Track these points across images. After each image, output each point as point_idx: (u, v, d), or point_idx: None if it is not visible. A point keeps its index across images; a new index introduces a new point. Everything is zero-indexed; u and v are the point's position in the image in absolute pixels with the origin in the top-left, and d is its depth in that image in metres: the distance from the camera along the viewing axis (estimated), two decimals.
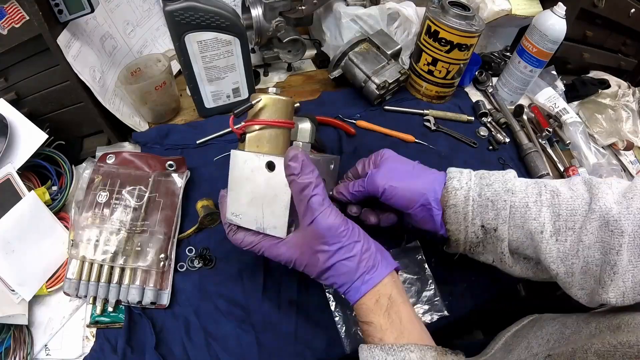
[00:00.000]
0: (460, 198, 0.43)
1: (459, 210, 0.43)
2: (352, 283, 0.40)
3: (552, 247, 0.40)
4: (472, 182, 0.43)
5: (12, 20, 0.50)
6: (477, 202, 0.43)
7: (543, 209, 0.40)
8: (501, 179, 0.43)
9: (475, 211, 0.43)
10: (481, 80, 0.90)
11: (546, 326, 0.46)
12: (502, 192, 0.41)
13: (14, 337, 0.48)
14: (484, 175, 0.44)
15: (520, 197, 0.41)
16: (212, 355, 0.49)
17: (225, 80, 0.70)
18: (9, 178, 0.54)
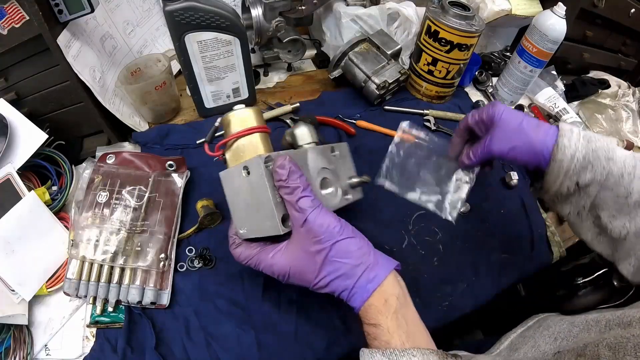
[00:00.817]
0: (567, 156, 0.46)
1: (564, 165, 0.47)
2: (356, 282, 0.39)
3: (633, 211, 0.45)
4: (580, 144, 0.47)
5: (12, 20, 0.50)
6: (580, 162, 0.46)
7: (635, 180, 0.44)
8: (605, 147, 0.46)
9: (576, 170, 0.46)
10: (481, 80, 0.90)
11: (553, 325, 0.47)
12: (602, 159, 0.46)
13: (14, 337, 0.48)
14: (591, 139, 0.47)
15: (618, 166, 0.45)
16: (212, 355, 0.49)
17: (225, 80, 0.70)
18: (9, 178, 0.54)
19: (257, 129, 0.45)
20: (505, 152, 0.50)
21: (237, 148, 0.45)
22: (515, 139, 0.49)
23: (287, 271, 0.41)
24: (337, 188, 0.49)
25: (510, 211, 0.68)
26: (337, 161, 0.52)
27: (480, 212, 0.67)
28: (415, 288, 0.58)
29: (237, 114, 0.45)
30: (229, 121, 0.46)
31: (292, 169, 0.40)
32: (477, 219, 0.66)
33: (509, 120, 0.50)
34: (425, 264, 0.60)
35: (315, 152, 0.48)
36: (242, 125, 0.45)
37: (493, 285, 0.61)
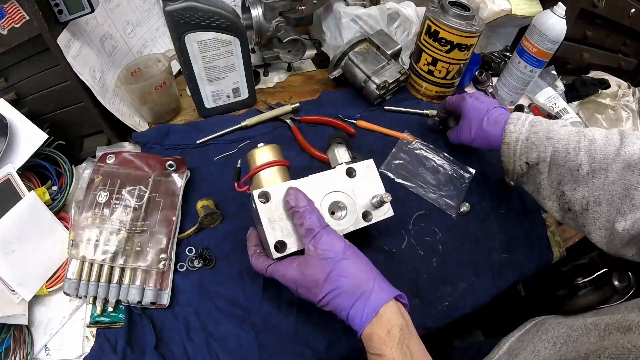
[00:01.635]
0: (512, 139, 0.56)
1: (510, 147, 0.57)
2: (354, 303, 0.40)
3: (588, 181, 0.50)
4: (524, 128, 0.55)
5: (12, 20, 0.50)
6: (525, 143, 0.55)
7: (580, 153, 0.50)
8: (545, 129, 0.54)
9: (522, 150, 0.55)
10: (481, 80, 0.90)
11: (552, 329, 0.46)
12: (544, 139, 0.53)
13: (14, 337, 0.48)
14: (535, 124, 0.55)
15: (562, 143, 0.52)
16: (212, 355, 0.49)
17: (225, 80, 0.70)
18: (9, 178, 0.54)
19: (275, 163, 0.50)
20: (469, 142, 0.64)
21: (259, 181, 0.50)
22: (475, 134, 0.62)
23: (295, 284, 0.44)
24: (352, 211, 0.50)
25: (510, 211, 0.68)
26: (357, 182, 0.52)
27: (480, 212, 0.67)
28: (415, 288, 0.58)
29: (258, 152, 0.51)
30: (250, 158, 0.51)
31: (299, 196, 0.45)
32: (477, 219, 0.66)
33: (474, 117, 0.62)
34: (425, 264, 0.60)
35: (323, 177, 0.50)
36: (262, 161, 0.50)
37: (493, 285, 0.61)
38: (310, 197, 0.48)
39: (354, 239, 0.49)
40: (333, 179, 0.51)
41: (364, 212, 0.51)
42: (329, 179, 0.50)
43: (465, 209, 0.66)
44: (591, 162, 0.50)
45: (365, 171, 0.53)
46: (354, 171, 0.52)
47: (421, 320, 0.54)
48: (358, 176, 0.52)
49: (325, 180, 0.50)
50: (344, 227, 0.49)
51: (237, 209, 0.62)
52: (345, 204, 0.50)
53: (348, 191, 0.51)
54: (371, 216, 0.51)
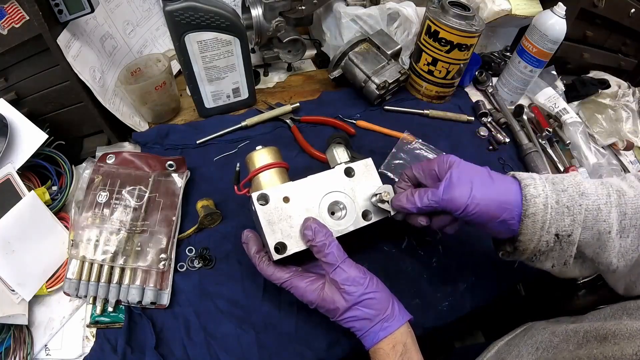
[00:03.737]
0: (540, 206, 0.40)
1: (538, 219, 0.41)
2: (372, 327, 0.43)
3: (616, 243, 0.41)
4: (547, 189, 0.41)
5: (12, 20, 0.50)
6: (555, 209, 0.40)
7: (612, 210, 0.40)
8: (574, 183, 0.42)
9: (553, 219, 0.41)
10: (481, 80, 0.90)
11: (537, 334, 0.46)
12: (577, 197, 0.41)
13: (14, 337, 0.48)
14: (556, 181, 0.42)
15: (592, 199, 0.41)
16: (212, 355, 0.49)
17: (225, 80, 0.70)
18: (9, 178, 0.54)
19: (273, 165, 0.50)
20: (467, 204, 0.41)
21: (258, 183, 0.50)
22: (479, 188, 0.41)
23: (312, 304, 0.46)
24: (352, 211, 0.50)
25: None
26: (356, 181, 0.52)
27: None
28: (414, 288, 0.58)
29: (256, 154, 0.51)
30: (249, 161, 0.51)
31: (316, 229, 0.45)
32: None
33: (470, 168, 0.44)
34: (424, 265, 0.60)
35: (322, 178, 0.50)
36: (261, 162, 0.50)
37: (493, 285, 0.61)
38: (309, 197, 0.48)
39: (354, 238, 0.49)
40: (332, 179, 0.51)
41: (364, 211, 0.51)
42: (328, 179, 0.50)
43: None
44: (622, 219, 0.40)
45: (364, 170, 0.53)
46: (353, 170, 0.52)
47: (421, 320, 0.54)
48: (357, 175, 0.52)
49: (324, 180, 0.50)
50: (344, 227, 0.49)
51: (237, 209, 0.62)
52: (345, 204, 0.50)
53: (347, 191, 0.51)
54: (371, 215, 0.51)
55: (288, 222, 0.47)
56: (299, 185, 0.48)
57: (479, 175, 0.43)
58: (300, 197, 0.48)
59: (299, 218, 0.47)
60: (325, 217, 0.48)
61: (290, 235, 0.46)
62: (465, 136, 0.79)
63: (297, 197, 0.48)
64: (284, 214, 0.47)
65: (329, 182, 0.50)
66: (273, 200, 0.47)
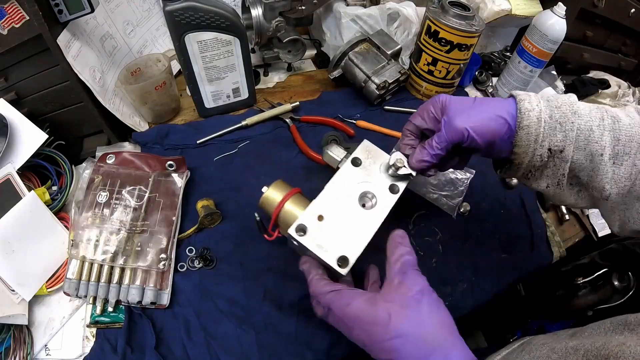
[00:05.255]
0: (533, 119, 0.42)
1: (532, 131, 0.42)
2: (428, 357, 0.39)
3: (609, 169, 0.42)
4: (542, 104, 0.43)
5: (12, 20, 0.50)
6: (548, 123, 0.42)
7: (605, 133, 0.41)
8: (567, 102, 0.43)
9: (546, 133, 0.42)
10: (481, 80, 0.90)
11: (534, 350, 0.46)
12: (569, 114, 0.42)
13: (14, 337, 0.48)
14: (550, 98, 0.44)
15: (585, 120, 0.42)
16: (212, 355, 0.49)
17: (225, 80, 0.70)
18: (9, 178, 0.54)
19: (288, 196, 0.50)
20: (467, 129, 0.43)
21: (286, 219, 0.50)
22: (474, 113, 0.44)
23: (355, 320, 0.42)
24: (380, 193, 0.50)
25: (510, 211, 0.68)
26: (366, 166, 0.52)
27: (480, 212, 0.67)
28: None
29: (268, 197, 0.51)
30: (264, 206, 0.51)
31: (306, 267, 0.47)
32: (477, 219, 0.66)
33: (461, 100, 0.46)
34: (424, 264, 0.60)
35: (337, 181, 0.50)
36: (275, 200, 0.50)
37: (493, 285, 0.61)
38: (338, 204, 0.48)
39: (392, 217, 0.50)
40: (346, 176, 0.50)
41: (390, 186, 0.51)
42: (344, 179, 0.50)
43: (465, 209, 0.66)
44: (615, 144, 0.41)
45: (367, 153, 0.53)
46: (359, 159, 0.52)
47: None
48: (364, 161, 0.52)
49: (341, 182, 0.50)
50: (382, 212, 0.49)
51: (237, 209, 0.62)
52: (371, 191, 0.50)
53: (366, 179, 0.51)
54: (397, 187, 0.51)
55: (336, 236, 0.46)
56: (323, 200, 0.48)
57: (471, 102, 0.46)
58: (331, 209, 0.48)
59: (342, 228, 0.47)
60: (361, 213, 0.48)
61: (346, 246, 0.46)
62: None
63: (328, 210, 0.47)
64: (327, 231, 0.46)
65: (346, 180, 0.50)
66: (309, 225, 0.46)
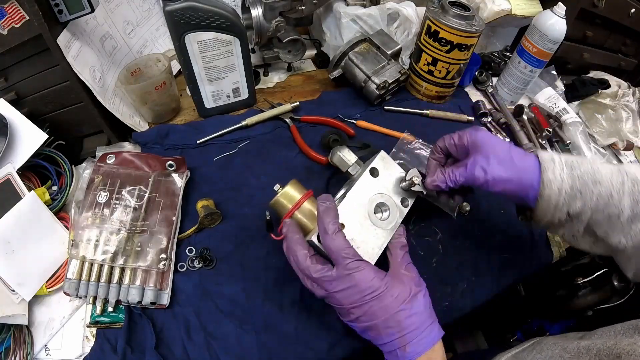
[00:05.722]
0: (554, 190, 0.45)
1: (552, 200, 0.45)
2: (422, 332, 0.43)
3: (627, 227, 0.44)
4: (564, 174, 0.45)
5: (12, 20, 0.50)
6: (569, 193, 0.45)
7: (624, 197, 0.43)
8: (590, 170, 0.45)
9: (565, 202, 0.45)
10: (481, 80, 0.90)
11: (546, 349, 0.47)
12: (590, 184, 0.44)
13: (14, 337, 0.48)
14: (574, 165, 0.45)
15: (605, 186, 0.44)
16: (212, 355, 0.49)
17: (225, 80, 0.70)
18: (9, 178, 0.54)
19: (303, 199, 0.50)
20: (488, 181, 0.46)
21: (298, 220, 0.50)
22: (500, 168, 0.46)
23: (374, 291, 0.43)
24: (392, 205, 0.52)
25: (510, 211, 0.68)
26: (382, 178, 0.53)
27: (480, 212, 0.67)
28: None
29: (281, 196, 0.50)
30: (277, 205, 0.50)
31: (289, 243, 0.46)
32: (477, 219, 0.66)
33: (494, 146, 0.47)
34: (424, 264, 0.60)
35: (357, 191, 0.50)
36: (290, 201, 0.50)
37: (493, 285, 0.61)
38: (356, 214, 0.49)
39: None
40: (365, 187, 0.51)
41: (401, 199, 0.53)
42: (362, 189, 0.51)
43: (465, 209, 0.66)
44: (634, 206, 0.43)
45: (384, 164, 0.54)
46: (376, 170, 0.53)
47: None
48: (381, 172, 0.53)
49: (360, 192, 0.50)
50: (394, 223, 0.51)
51: (237, 209, 0.62)
52: (385, 202, 0.51)
53: (382, 190, 0.52)
54: (407, 201, 0.53)
55: (354, 245, 0.46)
56: (345, 208, 0.49)
57: (501, 154, 0.47)
58: (350, 218, 0.48)
59: (359, 237, 0.48)
60: (378, 224, 0.50)
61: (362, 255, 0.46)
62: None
63: (348, 219, 0.48)
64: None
65: (364, 191, 0.51)
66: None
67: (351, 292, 0.42)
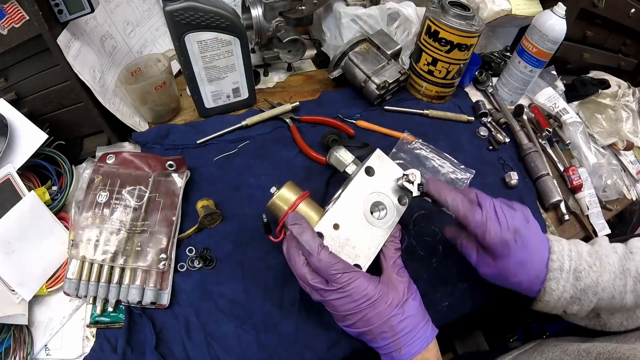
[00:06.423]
0: (554, 297, 0.46)
1: (550, 304, 0.47)
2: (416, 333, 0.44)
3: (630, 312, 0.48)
4: (568, 285, 0.46)
5: (12, 20, 0.50)
6: (567, 300, 0.47)
7: (626, 296, 0.45)
8: (593, 284, 0.45)
9: (563, 306, 0.47)
10: (481, 80, 0.90)
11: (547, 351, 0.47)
12: (590, 294, 0.45)
13: (14, 337, 0.48)
14: (580, 277, 0.46)
15: (607, 292, 0.45)
16: (212, 355, 0.49)
17: (225, 80, 0.70)
18: (9, 178, 0.54)
19: (299, 200, 0.50)
20: (495, 278, 0.49)
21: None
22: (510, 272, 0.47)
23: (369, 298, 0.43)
24: (389, 204, 0.51)
25: None
26: (378, 176, 0.53)
27: None
28: None
29: (277, 198, 0.50)
30: (273, 207, 0.50)
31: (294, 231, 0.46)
32: None
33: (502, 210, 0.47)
34: (424, 264, 0.60)
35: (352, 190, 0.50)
36: (286, 203, 0.49)
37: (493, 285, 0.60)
38: (352, 214, 0.49)
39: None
40: (360, 186, 0.51)
41: (398, 198, 0.52)
42: (357, 188, 0.51)
43: None
44: (637, 300, 0.45)
45: (380, 162, 0.53)
46: (372, 169, 0.53)
47: None
48: (377, 170, 0.53)
49: (355, 191, 0.50)
50: (391, 221, 0.50)
51: (237, 209, 0.62)
52: (381, 201, 0.51)
53: (378, 189, 0.51)
54: (405, 199, 0.53)
55: (350, 245, 0.47)
56: (339, 208, 0.49)
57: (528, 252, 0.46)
58: (345, 218, 0.48)
59: (355, 237, 0.48)
60: (374, 223, 0.49)
61: (358, 255, 0.47)
62: (465, 136, 0.79)
63: (343, 219, 0.48)
64: (342, 240, 0.47)
65: (360, 190, 0.51)
66: (326, 234, 0.47)
67: (345, 302, 0.43)
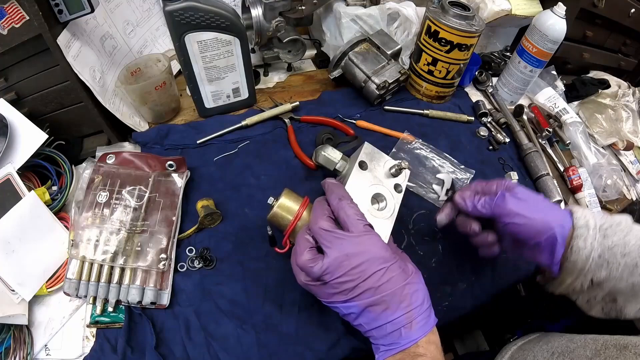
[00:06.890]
0: (582, 257, 0.44)
1: (578, 266, 0.45)
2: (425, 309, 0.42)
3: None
4: (596, 242, 0.44)
5: (12, 20, 0.50)
6: (596, 262, 0.44)
7: None
8: (621, 242, 0.44)
9: (591, 269, 0.45)
10: (481, 80, 0.90)
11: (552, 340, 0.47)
12: (619, 255, 0.44)
13: (14, 337, 0.48)
14: (607, 234, 0.45)
15: (632, 256, 0.43)
16: (212, 355, 0.49)
17: (225, 80, 0.70)
18: (9, 178, 0.54)
19: (301, 208, 0.49)
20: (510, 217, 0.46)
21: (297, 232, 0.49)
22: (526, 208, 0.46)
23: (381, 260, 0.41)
24: (387, 193, 0.52)
25: None
26: (371, 169, 0.53)
27: None
28: None
29: (279, 208, 0.48)
30: (275, 218, 0.49)
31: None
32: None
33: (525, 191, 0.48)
34: (424, 264, 0.60)
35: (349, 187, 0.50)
36: (288, 212, 0.48)
37: (493, 285, 0.61)
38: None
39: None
40: (356, 181, 0.51)
41: (394, 185, 0.54)
42: (355, 184, 0.51)
43: None
44: None
45: (370, 155, 0.54)
46: (365, 163, 0.53)
47: None
48: (369, 164, 0.54)
49: (353, 188, 0.50)
50: (393, 210, 0.51)
51: (237, 209, 0.62)
52: (380, 193, 0.52)
53: (374, 181, 0.52)
54: (400, 187, 0.54)
55: None
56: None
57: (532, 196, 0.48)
58: None
59: None
60: (377, 215, 0.50)
61: None
62: (465, 136, 0.79)
63: None
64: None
65: (358, 185, 0.51)
66: None
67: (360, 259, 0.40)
